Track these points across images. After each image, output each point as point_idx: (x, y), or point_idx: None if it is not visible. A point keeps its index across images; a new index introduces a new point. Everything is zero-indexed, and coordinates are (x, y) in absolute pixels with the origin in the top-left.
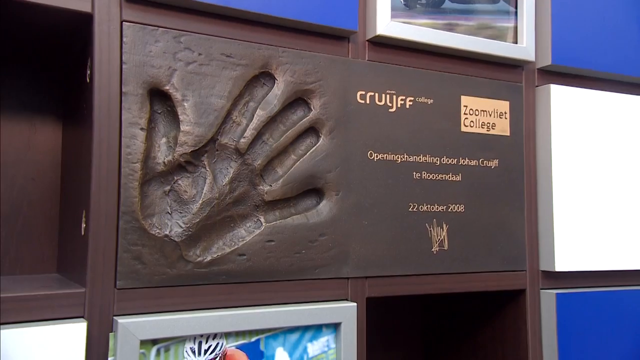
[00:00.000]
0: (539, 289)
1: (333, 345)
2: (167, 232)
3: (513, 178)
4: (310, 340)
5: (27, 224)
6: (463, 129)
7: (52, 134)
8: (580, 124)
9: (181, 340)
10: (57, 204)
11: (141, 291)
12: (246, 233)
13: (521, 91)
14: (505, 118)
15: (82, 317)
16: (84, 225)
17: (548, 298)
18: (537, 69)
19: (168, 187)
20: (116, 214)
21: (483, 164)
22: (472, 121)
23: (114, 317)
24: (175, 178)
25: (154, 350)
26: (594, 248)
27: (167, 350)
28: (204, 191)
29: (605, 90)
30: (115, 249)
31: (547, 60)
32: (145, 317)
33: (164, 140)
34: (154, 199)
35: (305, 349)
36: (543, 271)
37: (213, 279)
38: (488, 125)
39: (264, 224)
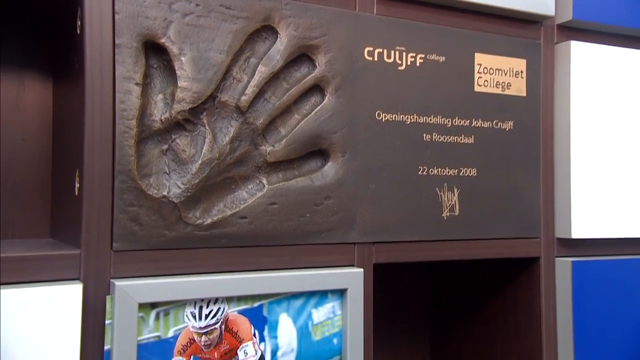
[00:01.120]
0: (554, 257)
1: (339, 312)
2: (165, 193)
3: (529, 141)
4: (315, 307)
5: (18, 187)
6: (477, 88)
7: (42, 92)
8: (601, 83)
9: (181, 304)
10: (49, 166)
11: (139, 254)
12: (248, 195)
13: (539, 48)
14: (522, 77)
15: (78, 279)
16: (77, 185)
17: (563, 266)
18: (557, 25)
19: (165, 146)
20: (111, 173)
21: (497, 125)
22: (486, 80)
23: (111, 280)
24: (173, 137)
25: (153, 313)
26: (612, 215)
27: (166, 314)
28: (204, 151)
29: (629, 47)
30: (111, 210)
31: (567, 16)
32: (144, 280)
33: (160, 96)
34: (151, 158)
35: (310, 315)
36: (559, 238)
37: (214, 242)
38: (503, 84)
39: (266, 186)
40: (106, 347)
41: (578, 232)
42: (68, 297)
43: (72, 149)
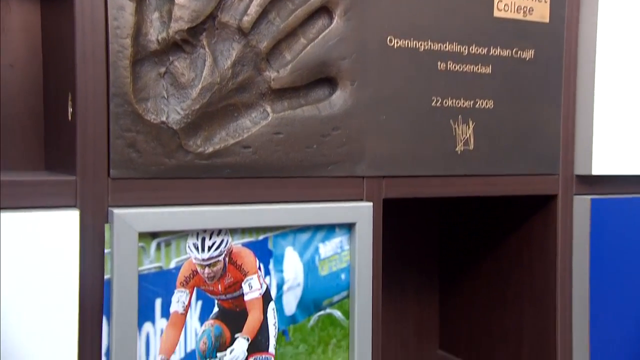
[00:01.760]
0: (572, 195)
1: (347, 247)
2: (163, 119)
3: (550, 71)
4: (323, 241)
5: (8, 117)
6: (496, 13)
7: (29, 13)
8: (631, 10)
9: (183, 235)
10: (40, 93)
11: (137, 182)
12: (251, 124)
13: None
14: (545, 2)
15: (74, 206)
16: (70, 110)
17: (582, 204)
18: None
19: (163, 69)
20: (106, 95)
21: (517, 54)
22: (506, 5)
23: (110, 208)
24: (171, 59)
25: (153, 244)
26: (634, 151)
27: (167, 244)
28: (204, 75)
29: None
30: (107, 135)
31: None
32: (143, 209)
33: (156, 14)
34: (148, 81)
35: (317, 250)
36: (577, 175)
37: (216, 172)
38: (525, 9)
39: (270, 114)
40: (106, 277)
41: (599, 168)
42: (64, 224)
43: (63, 72)
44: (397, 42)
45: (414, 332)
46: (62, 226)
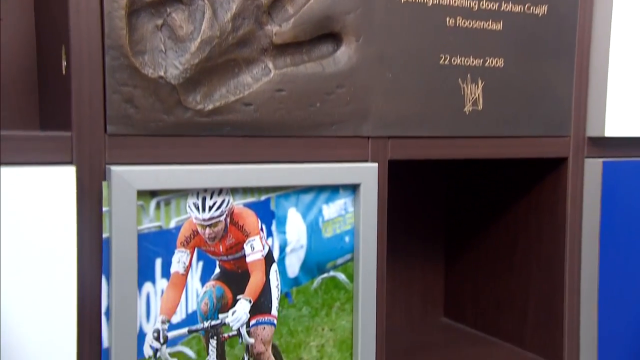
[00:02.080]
0: (583, 157)
1: (351, 209)
2: (161, 73)
3: (564, 29)
4: (326, 202)
5: (1, 76)
6: None
7: None
8: None
9: (183, 194)
10: (33, 48)
11: (135, 139)
12: (252, 80)
13: None
14: None
15: (71, 162)
16: (64, 63)
17: (593, 167)
18: None
19: (160, 21)
20: (101, 48)
21: (529, 10)
22: None
23: (107, 166)
24: (168, 10)
25: (152, 202)
26: None
27: (167, 203)
28: (203, 28)
29: None
30: (103, 90)
31: None
32: (142, 167)
33: None
34: (144, 34)
35: (320, 211)
36: (589, 137)
37: (216, 130)
38: None
39: (272, 70)
40: (104, 235)
41: (612, 130)
42: (60, 180)
43: (56, 23)
44: None
45: (418, 300)
46: (58, 183)
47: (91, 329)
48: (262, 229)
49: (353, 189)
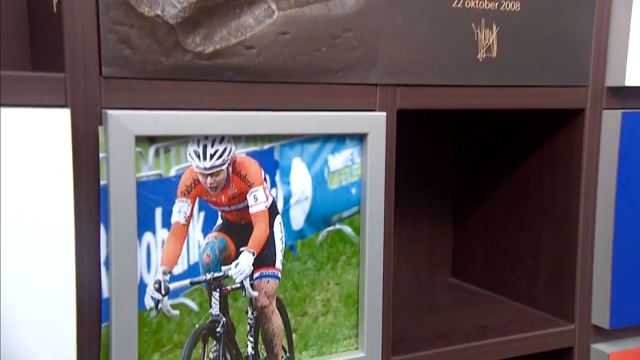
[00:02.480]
0: (601, 109)
1: (358, 160)
2: (158, 12)
3: None
4: (332, 153)
5: None
6: None
7: None
8: None
9: (183, 141)
10: None
11: (132, 82)
12: (255, 22)
13: None
14: None
15: (65, 105)
16: (55, 0)
17: (611, 119)
18: None
19: None
20: None
21: None
22: None
23: (103, 110)
24: None
25: (151, 149)
26: None
27: (167, 151)
28: None
29: None
30: (97, 28)
31: None
32: (140, 112)
33: None
34: None
35: (326, 162)
36: (609, 87)
37: (217, 74)
38: None
39: (276, 12)
40: (102, 183)
41: (632, 79)
42: (55, 124)
43: None
44: None
45: (425, 259)
46: (52, 127)
47: (90, 278)
48: (265, 180)
49: (360, 139)
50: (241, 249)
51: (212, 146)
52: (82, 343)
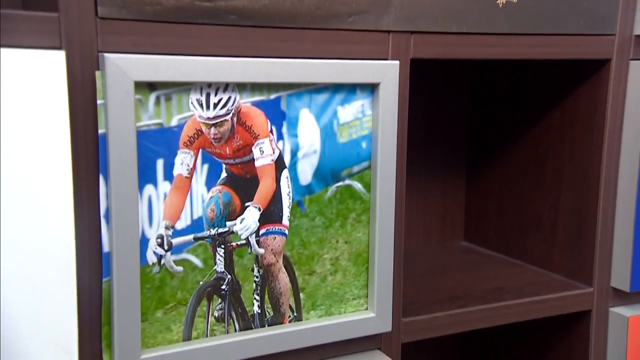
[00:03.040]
0: (628, 59)
1: (369, 112)
2: None
3: None
4: (342, 104)
5: None
6: None
7: None
8: None
9: (185, 89)
10: None
11: (131, 24)
12: None
13: None
14: None
15: (59, 47)
16: None
17: (638, 70)
18: None
19: None
20: None
21: None
22: None
23: (100, 53)
24: None
25: (152, 97)
26: None
27: (168, 98)
28: None
29: None
30: None
31: None
32: (139, 56)
33: None
34: None
35: (335, 113)
36: (637, 36)
37: (220, 17)
38: None
39: None
40: (100, 131)
41: None
42: (49, 67)
43: None
44: None
45: (437, 221)
46: (47, 70)
47: (90, 232)
48: (271, 131)
49: (371, 89)
50: (247, 204)
51: (216, 95)
52: (82, 298)
